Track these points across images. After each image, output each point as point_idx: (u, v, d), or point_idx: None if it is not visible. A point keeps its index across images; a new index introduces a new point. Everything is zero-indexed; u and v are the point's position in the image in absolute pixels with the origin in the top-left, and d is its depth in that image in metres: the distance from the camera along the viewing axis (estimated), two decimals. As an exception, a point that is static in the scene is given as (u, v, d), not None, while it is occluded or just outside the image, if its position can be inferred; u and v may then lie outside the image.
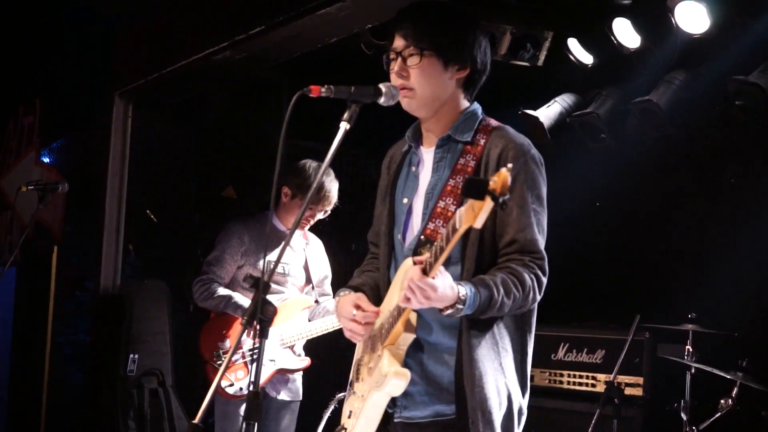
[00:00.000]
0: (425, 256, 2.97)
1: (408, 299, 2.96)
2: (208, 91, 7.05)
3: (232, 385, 5.57)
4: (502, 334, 3.25)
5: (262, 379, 5.56)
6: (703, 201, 6.62)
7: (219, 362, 5.60)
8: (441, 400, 3.26)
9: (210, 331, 5.77)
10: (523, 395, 3.33)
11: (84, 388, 7.59)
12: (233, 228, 5.86)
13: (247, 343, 5.65)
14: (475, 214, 2.63)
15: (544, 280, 3.21)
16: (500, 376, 3.22)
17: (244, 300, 5.69)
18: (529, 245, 3.18)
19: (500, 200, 2.54)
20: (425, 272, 2.92)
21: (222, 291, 5.75)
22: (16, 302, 8.98)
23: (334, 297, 5.07)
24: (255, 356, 5.60)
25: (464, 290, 3.01)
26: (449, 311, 3.01)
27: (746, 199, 6.30)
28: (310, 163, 5.75)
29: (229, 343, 5.68)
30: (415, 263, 2.98)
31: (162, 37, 6.87)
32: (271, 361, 5.64)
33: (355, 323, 3.32)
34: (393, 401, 3.32)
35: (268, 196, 3.67)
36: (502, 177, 2.55)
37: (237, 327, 5.68)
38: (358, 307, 3.34)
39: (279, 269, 5.78)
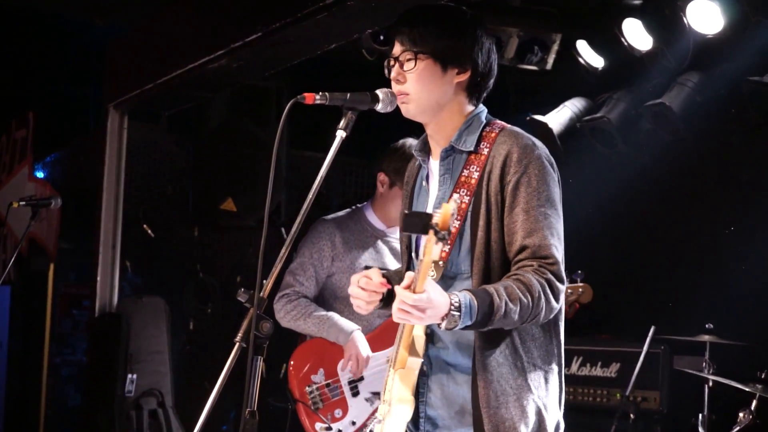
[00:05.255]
0: (411, 278, 2.88)
1: (405, 315, 2.84)
2: (205, 100, 6.94)
3: (329, 428, 4.72)
4: (527, 348, 3.12)
5: None
6: (719, 207, 6.55)
7: (313, 400, 4.76)
8: (464, 423, 3.15)
9: (300, 362, 4.85)
10: (560, 409, 3.22)
11: (81, 410, 7.55)
12: (321, 227, 4.92)
13: (345, 374, 4.81)
14: (430, 249, 2.68)
15: (560, 286, 3.04)
16: (526, 393, 3.09)
17: (344, 322, 4.75)
18: (539, 250, 3.04)
19: (440, 235, 2.58)
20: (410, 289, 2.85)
21: (316, 310, 4.80)
22: (11, 323, 8.95)
23: None
24: (356, 390, 4.83)
25: (457, 297, 2.87)
26: (445, 321, 2.87)
27: (764, 204, 6.21)
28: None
29: (324, 376, 4.81)
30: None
31: (156, 47, 6.81)
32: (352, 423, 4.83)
33: (361, 290, 3.18)
34: (416, 426, 3.23)
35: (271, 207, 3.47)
36: (444, 210, 2.58)
37: (333, 356, 4.81)
38: (368, 277, 3.22)
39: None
